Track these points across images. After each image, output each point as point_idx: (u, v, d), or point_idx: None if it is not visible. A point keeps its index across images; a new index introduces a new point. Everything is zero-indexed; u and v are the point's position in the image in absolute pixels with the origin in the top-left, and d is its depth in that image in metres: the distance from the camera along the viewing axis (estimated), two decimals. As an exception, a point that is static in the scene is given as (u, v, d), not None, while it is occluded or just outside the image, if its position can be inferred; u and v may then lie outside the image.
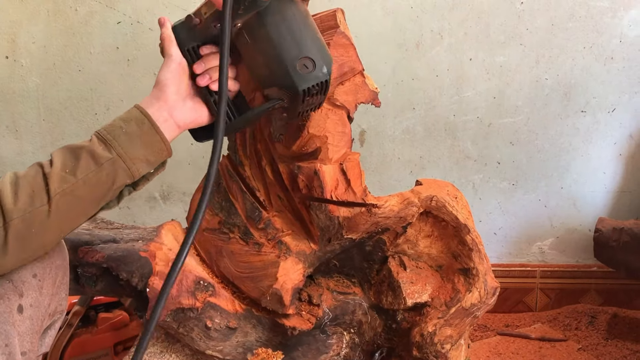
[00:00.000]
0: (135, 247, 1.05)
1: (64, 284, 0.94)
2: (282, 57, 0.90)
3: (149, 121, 0.86)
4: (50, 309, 0.90)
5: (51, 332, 0.95)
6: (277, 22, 0.90)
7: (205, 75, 0.92)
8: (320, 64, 0.91)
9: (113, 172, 0.82)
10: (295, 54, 0.90)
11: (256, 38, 0.92)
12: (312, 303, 1.18)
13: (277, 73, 0.92)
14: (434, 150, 1.75)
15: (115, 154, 0.82)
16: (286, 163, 1.11)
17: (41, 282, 0.86)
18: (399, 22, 1.64)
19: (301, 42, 0.90)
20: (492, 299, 1.21)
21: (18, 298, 0.82)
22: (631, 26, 1.64)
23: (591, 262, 1.82)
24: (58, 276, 0.91)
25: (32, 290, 0.85)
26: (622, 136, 1.74)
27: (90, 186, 0.81)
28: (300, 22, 0.91)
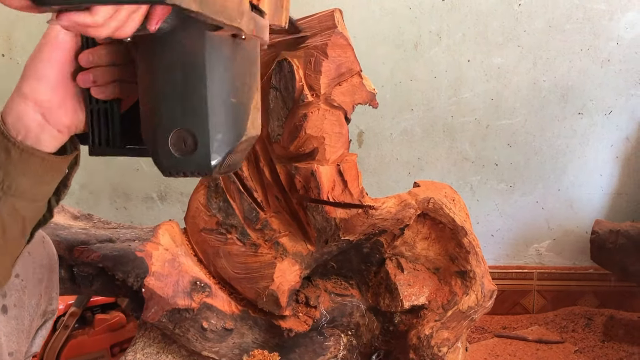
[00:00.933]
0: (131, 247, 1.05)
1: (53, 284, 0.93)
2: (154, 117, 0.63)
3: (16, 146, 0.66)
4: (40, 309, 0.90)
5: (42, 333, 0.94)
6: (166, 64, 0.60)
7: (88, 75, 0.67)
8: (205, 146, 0.62)
9: (12, 210, 0.68)
10: (171, 122, 0.62)
11: (142, 67, 0.64)
12: (309, 305, 1.18)
13: (146, 134, 0.65)
14: (432, 152, 1.75)
15: (1, 193, 0.66)
16: (284, 164, 1.11)
17: (24, 282, 0.86)
18: (397, 23, 1.64)
19: (189, 106, 0.61)
20: (490, 302, 1.20)
21: (1, 299, 0.82)
22: (628, 29, 1.65)
23: (588, 264, 1.82)
24: (44, 276, 0.90)
25: (15, 290, 0.84)
26: (619, 138, 1.75)
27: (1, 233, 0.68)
28: (203, 73, 0.60)
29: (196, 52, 0.60)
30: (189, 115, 0.61)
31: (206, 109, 0.61)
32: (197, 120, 0.61)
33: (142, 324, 1.12)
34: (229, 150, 0.64)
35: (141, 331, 1.12)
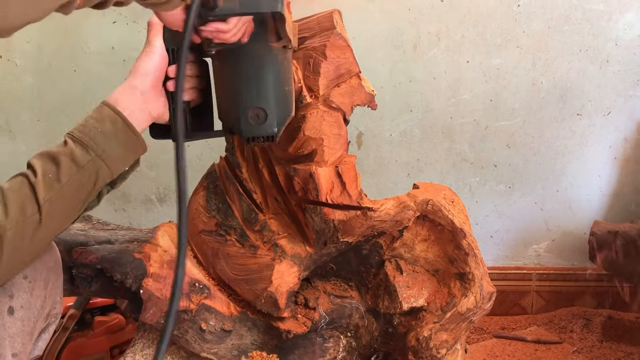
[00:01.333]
0: (129, 248, 1.05)
1: (58, 287, 0.94)
2: (237, 100, 0.92)
3: (122, 119, 0.86)
4: (44, 312, 0.90)
5: (45, 336, 0.94)
6: (245, 65, 0.90)
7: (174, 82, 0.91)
8: (272, 119, 0.92)
9: (94, 173, 0.83)
10: (250, 102, 0.92)
11: (223, 71, 0.94)
12: (308, 306, 1.18)
13: (230, 113, 0.94)
14: (431, 153, 1.75)
15: (95, 155, 0.82)
16: (282, 165, 1.11)
17: (32, 284, 0.86)
18: (396, 24, 1.64)
19: (261, 91, 0.91)
20: (488, 304, 1.20)
21: (8, 300, 0.82)
22: (626, 29, 1.65)
23: (586, 265, 1.82)
24: (50, 278, 0.91)
25: (23, 292, 0.84)
26: (617, 139, 1.74)
27: (74, 189, 0.81)
28: (269, 71, 0.91)
29: (264, 57, 0.91)
30: (262, 98, 0.91)
31: (272, 94, 0.92)
32: (266, 102, 0.92)
33: (141, 326, 1.12)
34: (284, 122, 0.95)
35: (140, 332, 1.12)
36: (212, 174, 1.13)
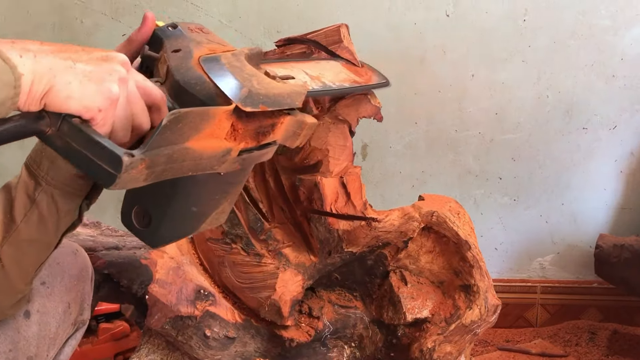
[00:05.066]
0: (137, 254, 1.06)
1: (85, 294, 0.94)
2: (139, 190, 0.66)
3: None
4: (70, 318, 0.91)
5: (72, 342, 0.95)
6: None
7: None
8: (155, 230, 0.71)
9: (51, 201, 0.71)
10: (140, 198, 0.70)
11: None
12: (312, 315, 1.18)
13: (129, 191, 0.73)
14: (435, 165, 1.76)
15: (44, 183, 0.71)
16: (288, 175, 1.12)
17: (50, 289, 0.87)
18: (402, 38, 1.66)
19: (158, 196, 0.69)
20: (493, 317, 1.21)
21: (25, 304, 0.83)
22: (632, 44, 1.66)
23: (592, 279, 1.82)
24: (75, 285, 0.91)
25: (40, 297, 0.85)
26: (623, 153, 1.75)
27: (33, 226, 0.71)
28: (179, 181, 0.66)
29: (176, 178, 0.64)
30: (155, 204, 0.69)
31: (170, 207, 0.69)
32: (157, 210, 0.69)
33: (147, 331, 1.13)
34: (170, 241, 0.75)
35: (145, 338, 1.13)
36: (218, 183, 1.15)
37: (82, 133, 0.55)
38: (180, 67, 0.67)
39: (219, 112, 0.62)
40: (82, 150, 0.55)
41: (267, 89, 0.68)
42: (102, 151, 0.54)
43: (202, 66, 0.67)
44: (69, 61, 0.55)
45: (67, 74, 0.54)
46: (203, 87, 0.65)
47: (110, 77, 0.57)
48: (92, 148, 0.54)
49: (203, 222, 0.75)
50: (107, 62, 0.58)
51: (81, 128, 0.55)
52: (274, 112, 0.69)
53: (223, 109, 0.63)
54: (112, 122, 0.58)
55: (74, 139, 0.55)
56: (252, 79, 0.68)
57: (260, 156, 0.71)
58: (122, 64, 0.59)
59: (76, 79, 0.54)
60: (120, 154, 0.53)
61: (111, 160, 0.54)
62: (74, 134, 0.55)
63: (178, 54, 0.69)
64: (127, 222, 0.71)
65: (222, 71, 0.67)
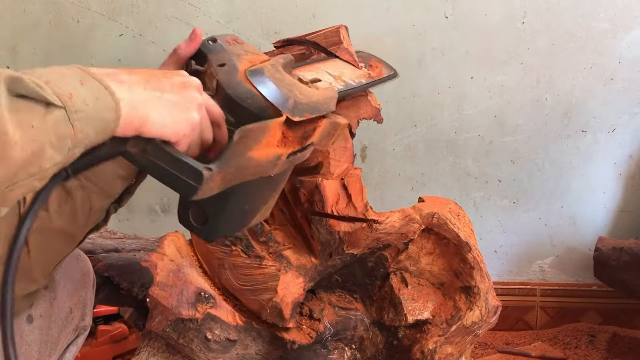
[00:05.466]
0: (136, 257, 1.06)
1: (87, 299, 0.94)
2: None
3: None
4: (72, 324, 0.90)
5: (73, 349, 0.95)
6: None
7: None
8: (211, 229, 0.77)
9: (86, 197, 0.76)
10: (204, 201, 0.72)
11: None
12: (312, 317, 1.18)
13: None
14: (435, 167, 1.76)
15: (83, 179, 0.75)
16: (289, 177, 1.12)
17: (53, 294, 0.87)
18: (401, 40, 1.66)
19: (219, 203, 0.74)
20: (494, 318, 1.21)
21: (28, 308, 0.83)
22: (631, 47, 1.66)
23: (591, 281, 1.82)
24: (77, 290, 0.91)
25: (43, 301, 0.85)
26: (622, 156, 1.75)
27: (65, 217, 0.75)
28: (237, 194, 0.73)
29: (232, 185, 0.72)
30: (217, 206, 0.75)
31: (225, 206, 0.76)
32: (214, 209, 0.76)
33: (147, 334, 1.13)
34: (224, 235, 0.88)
35: (145, 341, 1.13)
36: (218, 185, 1.14)
37: (166, 153, 0.61)
38: (230, 81, 0.74)
39: (274, 124, 0.71)
40: (166, 168, 0.62)
41: (308, 98, 0.77)
42: (185, 167, 0.61)
43: (249, 79, 0.75)
44: (158, 92, 0.60)
45: (158, 105, 0.60)
46: (254, 100, 0.73)
47: (192, 105, 0.63)
48: (176, 165, 0.61)
49: (254, 218, 0.83)
50: (187, 90, 0.64)
51: (165, 148, 0.61)
52: (316, 118, 0.79)
53: (277, 121, 0.71)
54: (189, 142, 0.65)
55: (159, 158, 0.62)
56: (294, 88, 0.77)
57: (302, 157, 0.79)
58: (198, 89, 0.66)
59: (165, 109, 0.60)
60: (201, 169, 0.61)
61: (194, 175, 0.61)
62: (159, 153, 0.62)
63: (224, 69, 0.76)
64: (184, 221, 0.79)
65: (268, 83, 0.75)
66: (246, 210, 0.80)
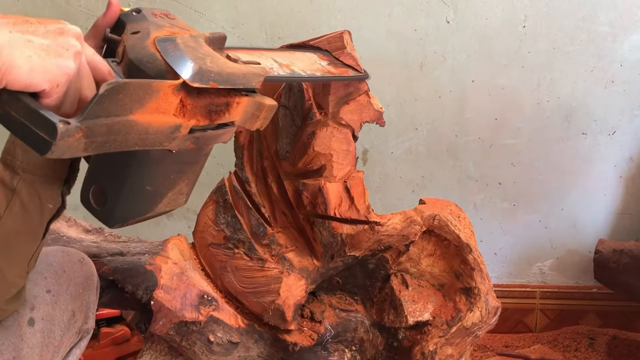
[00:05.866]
0: (141, 260, 1.06)
1: (90, 302, 0.94)
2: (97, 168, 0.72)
3: None
4: (75, 327, 0.90)
5: (76, 352, 0.94)
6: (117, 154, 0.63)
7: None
8: (111, 210, 0.72)
9: (31, 189, 0.72)
10: (97, 177, 0.72)
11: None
12: (314, 319, 1.19)
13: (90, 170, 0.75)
14: (435, 170, 1.77)
15: (21, 171, 0.71)
16: (291, 180, 1.13)
17: (55, 297, 0.86)
18: (402, 44, 1.66)
19: (114, 175, 0.71)
20: (494, 319, 1.21)
21: (29, 311, 0.83)
22: (631, 50, 1.67)
23: (591, 284, 1.82)
24: (80, 293, 0.91)
25: (44, 305, 0.85)
26: (623, 159, 1.76)
27: (17, 216, 0.72)
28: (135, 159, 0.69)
29: (129, 154, 0.67)
30: (110, 183, 0.71)
31: (125, 186, 0.70)
32: (112, 189, 0.71)
33: (149, 337, 1.13)
34: (128, 220, 0.75)
35: (148, 344, 1.14)
36: (221, 189, 1.15)
37: (21, 102, 0.55)
38: (135, 46, 0.67)
39: (163, 86, 0.62)
40: (20, 119, 0.55)
41: (220, 68, 0.68)
42: (39, 119, 0.54)
43: (156, 46, 0.67)
44: (27, 35, 0.55)
45: (26, 49, 0.54)
46: (154, 64, 0.65)
47: (68, 52, 0.57)
48: (30, 116, 0.54)
49: (159, 203, 0.76)
50: (63, 36, 0.58)
51: (21, 97, 0.55)
52: (229, 91, 0.68)
53: (168, 83, 0.62)
54: (63, 94, 0.58)
55: (14, 107, 0.55)
56: (206, 58, 0.68)
57: (217, 137, 0.71)
58: (77, 37, 0.59)
59: (35, 54, 0.54)
60: (55, 121, 0.53)
61: (47, 128, 0.54)
62: (14, 103, 0.55)
63: (136, 35, 0.69)
64: (85, 202, 0.73)
65: (176, 50, 0.67)
66: (148, 192, 0.73)
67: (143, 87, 0.60)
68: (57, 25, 0.58)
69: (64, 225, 1.16)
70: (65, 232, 1.15)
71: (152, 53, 0.66)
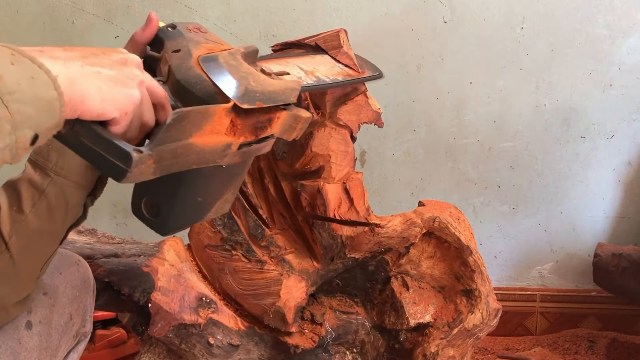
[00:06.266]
0: (137, 262, 1.05)
1: (87, 306, 0.93)
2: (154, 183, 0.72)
3: None
4: (72, 330, 0.89)
5: (73, 355, 0.93)
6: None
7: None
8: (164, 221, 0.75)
9: (60, 192, 0.75)
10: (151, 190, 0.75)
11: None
12: (314, 322, 1.18)
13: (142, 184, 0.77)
14: (434, 173, 1.76)
15: (53, 174, 0.75)
16: (289, 181, 1.11)
17: (52, 300, 0.86)
18: (400, 45, 1.66)
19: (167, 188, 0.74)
20: (494, 321, 1.20)
21: (26, 315, 0.82)
22: (629, 54, 1.67)
23: (590, 287, 1.82)
24: (77, 296, 0.90)
25: (42, 308, 0.84)
26: (621, 162, 1.75)
27: (43, 216, 0.75)
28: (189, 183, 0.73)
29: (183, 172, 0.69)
30: (163, 195, 0.74)
31: (178, 197, 0.74)
32: (166, 201, 0.75)
33: (147, 339, 1.12)
34: (178, 229, 0.79)
35: (146, 346, 1.12)
36: (219, 189, 1.14)
37: (94, 132, 0.58)
38: (181, 66, 0.70)
39: (218, 110, 0.66)
40: (95, 148, 0.58)
41: (262, 86, 0.72)
42: (113, 148, 0.57)
43: (201, 66, 0.70)
44: (96, 67, 0.57)
45: (97, 80, 0.57)
46: (202, 85, 0.69)
47: (132, 81, 0.60)
48: (104, 146, 0.58)
49: (209, 211, 0.80)
50: (127, 66, 0.61)
51: (93, 127, 0.58)
52: (271, 107, 0.73)
53: (222, 107, 0.66)
54: (130, 121, 0.61)
55: (88, 138, 0.58)
56: (249, 77, 0.72)
57: (260, 149, 0.75)
58: (138, 66, 0.63)
59: (105, 85, 0.57)
60: (129, 150, 0.57)
61: (122, 157, 0.57)
62: (88, 133, 0.58)
63: (178, 54, 0.72)
64: (137, 212, 0.76)
65: (220, 70, 0.70)
66: (199, 203, 0.78)
67: (202, 113, 0.65)
68: (120, 56, 0.62)
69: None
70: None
71: (199, 74, 0.70)
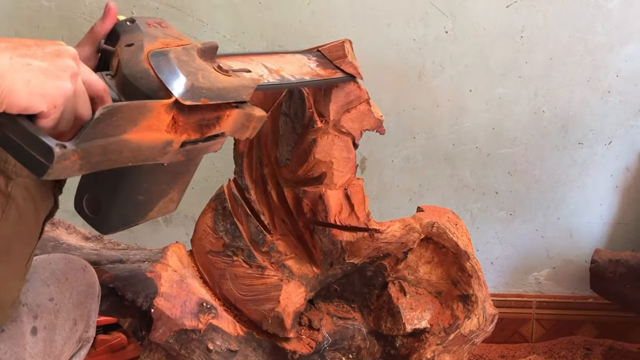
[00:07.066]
0: (141, 267, 1.06)
1: (91, 310, 0.93)
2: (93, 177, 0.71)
3: None
4: (76, 335, 0.90)
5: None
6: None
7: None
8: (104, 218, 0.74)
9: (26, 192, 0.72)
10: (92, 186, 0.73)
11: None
12: (312, 327, 1.19)
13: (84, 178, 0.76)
14: (433, 179, 1.77)
15: (15, 176, 0.71)
16: (291, 187, 1.13)
17: (58, 306, 0.86)
18: (401, 54, 1.67)
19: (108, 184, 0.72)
20: (491, 326, 1.22)
21: (32, 320, 0.82)
22: (628, 61, 1.68)
23: (587, 294, 1.83)
24: (81, 302, 0.90)
25: (47, 313, 0.84)
26: (619, 169, 1.77)
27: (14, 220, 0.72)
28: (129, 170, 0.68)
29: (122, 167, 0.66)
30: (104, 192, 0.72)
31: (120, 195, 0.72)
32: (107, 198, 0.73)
33: (147, 345, 1.13)
34: (118, 228, 0.76)
35: (146, 352, 1.13)
36: (220, 196, 1.15)
37: (19, 125, 0.56)
38: (130, 61, 0.68)
39: (157, 106, 0.63)
40: (18, 142, 0.56)
41: (211, 83, 0.69)
42: (36, 143, 0.55)
43: (149, 60, 0.68)
44: (27, 59, 0.56)
45: (26, 73, 0.55)
46: (147, 80, 0.66)
47: (64, 73, 0.58)
48: (27, 140, 0.56)
49: (151, 211, 0.77)
50: (60, 58, 0.59)
51: (18, 121, 0.56)
52: (219, 105, 0.69)
53: (161, 103, 0.64)
54: (60, 115, 0.59)
55: (11, 130, 0.56)
56: (198, 73, 0.69)
57: (206, 148, 0.72)
58: (73, 58, 0.60)
59: (34, 77, 0.55)
60: (52, 145, 0.55)
61: (44, 152, 0.55)
62: (12, 126, 0.56)
63: (130, 48, 0.70)
64: (79, 209, 0.74)
65: (168, 65, 0.67)
66: (140, 202, 0.75)
67: (137, 108, 0.62)
68: (54, 47, 0.60)
69: (63, 233, 1.16)
70: (65, 239, 1.14)
71: (146, 69, 0.67)
